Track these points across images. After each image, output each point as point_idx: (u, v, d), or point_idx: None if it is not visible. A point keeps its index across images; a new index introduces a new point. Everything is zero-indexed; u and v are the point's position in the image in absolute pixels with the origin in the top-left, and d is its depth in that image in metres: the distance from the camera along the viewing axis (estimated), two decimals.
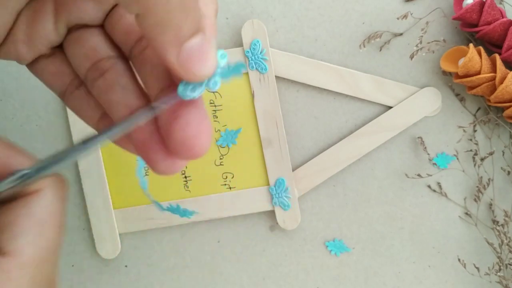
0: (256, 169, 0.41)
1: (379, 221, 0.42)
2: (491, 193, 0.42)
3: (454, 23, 0.41)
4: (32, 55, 0.22)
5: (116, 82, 0.22)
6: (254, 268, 0.43)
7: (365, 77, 0.41)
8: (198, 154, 0.20)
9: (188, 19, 0.18)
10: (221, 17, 0.41)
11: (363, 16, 0.41)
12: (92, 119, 0.23)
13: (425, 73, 0.41)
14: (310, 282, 0.43)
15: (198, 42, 0.18)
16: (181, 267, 0.43)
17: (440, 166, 0.42)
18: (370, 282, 0.43)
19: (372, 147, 0.41)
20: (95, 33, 0.22)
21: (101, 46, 0.22)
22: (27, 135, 0.42)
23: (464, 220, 0.42)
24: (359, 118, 0.42)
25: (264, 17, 0.41)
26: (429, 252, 0.42)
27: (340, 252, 0.43)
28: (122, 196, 0.42)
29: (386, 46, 0.41)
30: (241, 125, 0.41)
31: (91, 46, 0.22)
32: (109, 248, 0.42)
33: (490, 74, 0.37)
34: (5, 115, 0.42)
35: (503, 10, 0.38)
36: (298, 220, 0.42)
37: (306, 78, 0.41)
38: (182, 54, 0.18)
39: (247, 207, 0.42)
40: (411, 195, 0.42)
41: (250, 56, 0.40)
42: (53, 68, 0.23)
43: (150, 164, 0.21)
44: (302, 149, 0.42)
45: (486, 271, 0.41)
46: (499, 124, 0.41)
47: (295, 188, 0.41)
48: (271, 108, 0.41)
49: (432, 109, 0.41)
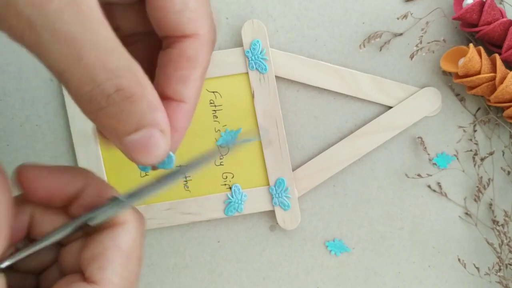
0: (256, 169, 0.41)
1: (379, 221, 0.42)
2: (491, 193, 0.42)
3: (454, 23, 0.41)
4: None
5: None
6: (254, 268, 0.43)
7: (365, 77, 0.41)
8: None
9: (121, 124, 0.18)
10: (221, 17, 0.41)
11: (363, 16, 0.41)
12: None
13: (425, 73, 0.41)
14: (310, 282, 0.43)
15: (140, 137, 0.18)
16: (181, 267, 0.43)
17: (440, 166, 0.42)
18: (370, 282, 0.43)
19: (372, 147, 0.41)
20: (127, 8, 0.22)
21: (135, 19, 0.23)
22: (27, 135, 0.42)
23: (464, 220, 0.42)
24: (359, 118, 0.42)
25: (264, 17, 0.41)
26: (429, 252, 0.42)
27: (340, 252, 0.42)
28: None
29: (386, 46, 0.41)
30: (241, 125, 0.41)
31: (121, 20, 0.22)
32: None
33: (490, 74, 0.37)
34: (5, 115, 0.42)
35: (503, 10, 0.38)
36: (298, 220, 0.42)
37: (306, 78, 0.41)
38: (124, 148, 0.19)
39: (247, 207, 0.42)
40: (411, 195, 0.42)
41: (250, 56, 0.40)
42: None
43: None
44: (302, 149, 0.42)
45: (486, 271, 0.41)
46: (499, 124, 0.41)
47: (295, 188, 0.41)
48: (271, 108, 0.41)
49: (432, 109, 0.41)
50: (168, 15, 0.20)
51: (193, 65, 0.21)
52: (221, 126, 0.41)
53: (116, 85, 0.17)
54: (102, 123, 0.18)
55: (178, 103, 0.21)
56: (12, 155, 0.42)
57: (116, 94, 0.17)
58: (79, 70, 0.17)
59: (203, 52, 0.21)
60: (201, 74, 0.21)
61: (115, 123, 0.18)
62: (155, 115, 0.18)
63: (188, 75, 0.21)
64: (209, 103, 0.41)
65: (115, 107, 0.18)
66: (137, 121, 0.18)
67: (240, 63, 0.41)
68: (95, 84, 0.17)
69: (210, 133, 0.41)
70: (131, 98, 0.18)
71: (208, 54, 0.21)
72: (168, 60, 0.21)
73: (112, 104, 0.17)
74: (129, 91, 0.18)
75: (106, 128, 0.18)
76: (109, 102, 0.17)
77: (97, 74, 0.17)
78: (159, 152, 0.19)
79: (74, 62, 0.16)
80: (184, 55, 0.21)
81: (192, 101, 0.21)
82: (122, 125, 0.18)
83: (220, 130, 0.41)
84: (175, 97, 0.21)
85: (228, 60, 0.40)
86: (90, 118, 0.18)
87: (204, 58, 0.21)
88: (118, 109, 0.18)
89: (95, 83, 0.17)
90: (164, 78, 0.21)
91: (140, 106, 0.18)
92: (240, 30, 0.40)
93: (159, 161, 0.19)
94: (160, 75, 0.21)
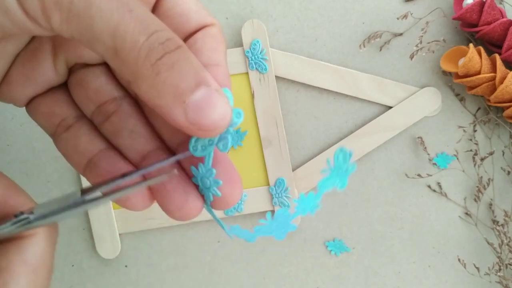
0: (256, 169, 0.41)
1: (379, 221, 0.42)
2: (491, 193, 0.42)
3: (454, 23, 0.41)
4: (27, 96, 0.22)
5: (122, 126, 0.21)
6: (254, 268, 0.43)
7: (365, 77, 0.41)
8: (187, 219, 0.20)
9: (182, 75, 0.17)
10: (221, 17, 0.41)
11: (363, 16, 0.41)
12: (78, 164, 0.22)
13: (425, 73, 0.41)
14: (310, 282, 0.43)
15: (203, 94, 0.17)
16: (181, 267, 0.43)
17: (440, 166, 0.42)
18: (370, 282, 0.43)
19: (372, 147, 0.41)
20: (97, 73, 0.22)
21: (104, 87, 0.22)
22: (27, 135, 0.42)
23: (464, 220, 0.42)
24: (359, 118, 0.42)
25: (264, 17, 0.41)
26: (429, 252, 0.42)
27: (340, 252, 0.43)
28: None
29: (386, 46, 0.41)
30: (241, 125, 0.41)
31: (94, 88, 0.21)
32: (109, 248, 0.42)
33: (490, 74, 0.37)
34: (5, 115, 0.42)
35: (503, 10, 0.38)
36: (298, 220, 0.42)
37: (306, 78, 0.41)
38: (189, 111, 0.17)
39: (247, 207, 0.42)
40: (411, 195, 0.42)
41: (250, 56, 0.40)
42: (44, 108, 0.22)
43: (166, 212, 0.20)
44: (302, 149, 0.42)
45: (486, 271, 0.41)
46: (499, 124, 0.41)
47: (295, 188, 0.41)
48: (271, 108, 0.41)
49: (432, 109, 0.41)
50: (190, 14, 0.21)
51: (218, 41, 0.21)
52: None
53: (166, 35, 0.17)
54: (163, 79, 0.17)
55: (216, 66, 0.20)
56: (12, 155, 0.42)
57: (168, 42, 0.17)
58: (131, 21, 0.17)
59: (222, 35, 0.22)
60: (225, 51, 0.22)
61: (177, 76, 0.17)
62: (206, 73, 0.18)
63: (217, 47, 0.21)
64: None
65: (172, 55, 0.17)
66: (194, 75, 0.17)
67: (240, 63, 0.41)
68: (149, 33, 0.17)
69: None
70: (181, 48, 0.17)
71: (224, 39, 0.22)
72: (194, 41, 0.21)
73: (169, 52, 0.17)
74: (177, 41, 0.17)
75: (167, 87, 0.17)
76: (165, 49, 0.17)
77: (148, 24, 0.17)
78: (225, 110, 0.17)
79: (126, 14, 0.16)
80: (209, 34, 0.21)
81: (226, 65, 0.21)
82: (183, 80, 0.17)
83: None
84: (211, 62, 0.20)
85: (228, 60, 0.40)
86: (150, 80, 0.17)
87: (224, 39, 0.22)
88: (176, 57, 0.17)
89: (149, 32, 0.17)
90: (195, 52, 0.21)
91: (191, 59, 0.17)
92: (240, 30, 0.40)
93: (228, 122, 0.18)
94: None
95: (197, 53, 0.21)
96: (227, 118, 0.18)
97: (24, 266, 0.19)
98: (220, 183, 0.20)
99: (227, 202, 0.20)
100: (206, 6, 0.43)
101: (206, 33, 0.21)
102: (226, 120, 0.18)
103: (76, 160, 0.22)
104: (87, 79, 0.22)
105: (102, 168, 0.21)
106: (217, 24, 0.22)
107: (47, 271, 0.20)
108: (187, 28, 0.21)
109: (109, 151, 0.21)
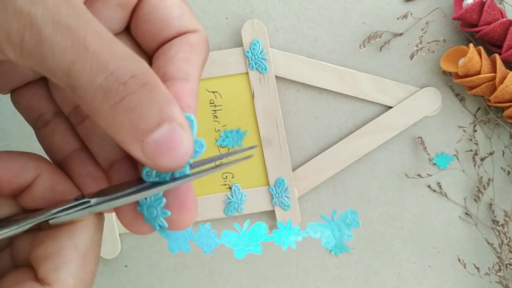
0: (256, 169, 0.41)
1: (379, 221, 0.42)
2: (491, 193, 0.42)
3: (454, 23, 0.41)
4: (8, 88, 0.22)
5: (93, 132, 0.21)
6: (254, 268, 0.43)
7: (365, 77, 0.41)
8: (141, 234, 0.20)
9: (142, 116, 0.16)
10: (221, 17, 0.41)
11: (363, 16, 0.41)
12: (54, 161, 0.22)
13: (425, 73, 0.41)
14: (310, 282, 0.43)
15: (164, 133, 0.16)
16: (181, 267, 0.43)
17: (440, 166, 0.42)
18: (370, 282, 0.43)
19: (372, 147, 0.41)
20: None
21: None
22: (27, 135, 0.42)
23: (464, 220, 0.42)
24: (359, 118, 0.42)
25: (264, 17, 0.41)
26: (429, 252, 0.42)
27: (340, 252, 0.42)
28: None
29: (386, 46, 0.41)
30: (241, 125, 0.41)
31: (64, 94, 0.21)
32: (109, 248, 0.42)
33: (490, 74, 0.37)
34: (5, 115, 0.42)
35: (503, 10, 0.38)
36: (298, 220, 0.42)
37: (306, 78, 0.41)
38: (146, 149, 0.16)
39: (247, 207, 0.42)
40: (411, 195, 0.42)
41: (250, 56, 0.40)
42: (24, 101, 0.22)
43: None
44: (302, 149, 0.42)
45: (486, 271, 0.41)
46: (499, 124, 0.41)
47: (295, 188, 0.41)
48: (271, 108, 0.41)
49: (432, 109, 0.41)
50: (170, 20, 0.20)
51: (195, 50, 0.20)
52: (221, 126, 0.41)
53: (130, 71, 0.16)
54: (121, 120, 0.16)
55: (183, 81, 0.19)
56: None
57: (132, 80, 0.16)
58: (87, 60, 0.15)
59: (203, 44, 0.21)
60: (201, 62, 0.21)
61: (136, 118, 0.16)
62: (172, 107, 0.17)
63: (191, 57, 0.20)
64: (209, 103, 0.41)
65: (134, 96, 0.16)
66: (157, 114, 0.16)
67: (240, 63, 0.41)
68: (107, 73, 0.16)
69: (210, 133, 0.41)
70: (147, 85, 0.16)
71: (207, 48, 0.21)
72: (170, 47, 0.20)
73: (131, 93, 0.16)
74: (144, 78, 0.16)
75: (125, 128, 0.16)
76: (127, 90, 0.16)
77: (107, 62, 0.16)
78: (186, 148, 0.17)
79: (81, 52, 0.15)
80: (187, 42, 0.20)
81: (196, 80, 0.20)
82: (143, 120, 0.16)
83: (220, 130, 0.41)
84: (179, 75, 0.19)
85: (228, 60, 0.40)
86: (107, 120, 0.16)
87: (204, 49, 0.21)
88: (138, 98, 0.16)
89: (107, 71, 0.16)
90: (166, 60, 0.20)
91: (157, 95, 0.16)
92: (240, 30, 0.40)
93: (187, 160, 0.17)
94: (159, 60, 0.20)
95: (167, 62, 0.20)
96: (187, 156, 0.17)
97: (75, 251, 0.19)
98: (168, 214, 0.19)
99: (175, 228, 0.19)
100: (206, 6, 0.43)
101: (184, 40, 0.20)
102: (186, 158, 0.17)
103: (51, 156, 0.22)
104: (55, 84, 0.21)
105: (72, 169, 0.21)
106: (200, 31, 0.21)
107: (95, 256, 0.20)
108: (165, 35, 0.20)
109: (81, 152, 0.21)
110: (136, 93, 0.16)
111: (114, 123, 0.16)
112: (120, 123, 0.16)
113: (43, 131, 0.22)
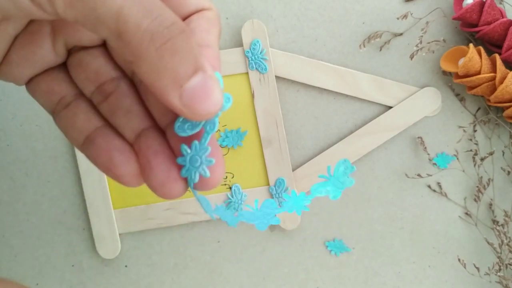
0: (256, 169, 0.41)
1: (379, 221, 0.42)
2: (491, 193, 0.42)
3: (454, 23, 0.41)
4: (27, 76, 0.22)
5: (119, 106, 0.22)
6: (254, 268, 0.43)
7: (365, 77, 0.41)
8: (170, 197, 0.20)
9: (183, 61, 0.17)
10: (221, 17, 0.41)
11: (363, 16, 0.41)
12: (76, 141, 0.22)
13: (425, 73, 0.41)
14: (310, 282, 0.43)
15: (199, 81, 0.18)
16: (181, 267, 0.43)
17: (440, 166, 0.42)
18: (370, 282, 0.43)
19: (372, 147, 0.41)
20: (96, 54, 0.22)
21: (103, 68, 0.22)
22: (27, 135, 0.42)
23: (464, 220, 0.42)
24: (359, 118, 0.42)
25: (264, 17, 0.41)
26: (429, 252, 0.42)
27: (340, 252, 0.42)
28: (122, 196, 0.42)
29: (386, 46, 0.41)
30: (241, 125, 0.41)
31: (93, 69, 0.22)
32: (109, 248, 0.42)
33: (490, 74, 0.37)
34: (5, 115, 0.42)
35: (503, 10, 0.38)
36: (298, 220, 0.42)
37: (306, 78, 0.41)
38: (184, 95, 0.18)
39: None
40: (411, 195, 0.42)
41: (250, 56, 0.40)
42: (44, 86, 0.23)
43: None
44: (302, 149, 0.42)
45: (486, 271, 0.41)
46: (499, 124, 0.41)
47: (295, 188, 0.41)
48: (271, 108, 0.41)
49: (432, 109, 0.41)
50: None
51: (212, 23, 0.22)
52: (221, 126, 0.41)
53: (170, 18, 0.17)
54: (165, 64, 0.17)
55: (206, 47, 0.21)
56: (12, 155, 0.42)
57: (173, 26, 0.17)
58: (135, 4, 0.17)
59: (217, 19, 0.22)
60: (219, 34, 0.22)
61: (178, 62, 0.17)
62: (203, 59, 0.18)
63: (210, 29, 0.21)
64: None
65: (176, 40, 0.17)
66: (193, 61, 0.18)
67: (240, 63, 0.41)
68: (153, 17, 0.17)
69: None
70: (185, 32, 0.18)
71: (220, 24, 0.22)
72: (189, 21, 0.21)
73: (174, 37, 0.17)
74: (181, 26, 0.18)
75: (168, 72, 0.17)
76: (170, 33, 0.17)
77: (151, 8, 0.17)
78: (219, 96, 0.18)
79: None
80: (204, 17, 0.22)
81: (217, 48, 0.21)
82: (183, 65, 0.17)
83: (220, 130, 0.41)
84: (203, 43, 0.21)
85: (228, 60, 0.41)
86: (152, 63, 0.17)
87: (219, 23, 0.22)
88: (178, 43, 0.17)
89: (152, 16, 0.17)
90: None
91: (192, 45, 0.18)
92: (240, 30, 0.40)
93: (219, 107, 0.18)
94: None
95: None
96: (219, 105, 0.18)
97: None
98: (213, 161, 0.20)
99: (212, 183, 0.20)
100: None
101: (201, 16, 0.22)
102: (218, 107, 0.18)
103: (74, 136, 0.22)
104: (86, 61, 0.22)
105: (98, 144, 0.21)
106: (214, 9, 0.22)
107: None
108: (184, 10, 0.22)
109: (105, 128, 0.22)
110: (177, 38, 0.17)
111: (158, 67, 0.17)
112: (164, 66, 0.17)
113: (64, 113, 0.23)
